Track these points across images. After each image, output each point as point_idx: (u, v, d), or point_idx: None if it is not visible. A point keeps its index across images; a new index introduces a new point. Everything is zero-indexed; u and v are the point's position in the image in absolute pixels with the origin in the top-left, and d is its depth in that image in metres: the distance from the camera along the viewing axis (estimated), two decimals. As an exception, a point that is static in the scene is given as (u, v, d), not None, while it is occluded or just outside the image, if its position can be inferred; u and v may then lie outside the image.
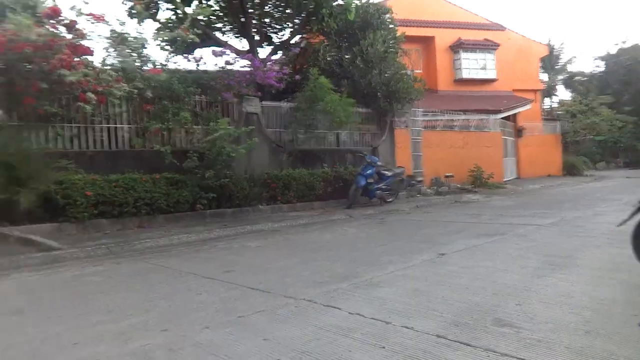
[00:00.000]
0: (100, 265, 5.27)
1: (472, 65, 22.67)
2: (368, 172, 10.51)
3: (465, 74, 22.49)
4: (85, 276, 4.77)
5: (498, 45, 22.90)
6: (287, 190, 9.92)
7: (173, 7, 11.11)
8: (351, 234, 7.17)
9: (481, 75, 22.80)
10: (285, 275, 4.43)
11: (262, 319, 3.18)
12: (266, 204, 9.58)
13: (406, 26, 16.12)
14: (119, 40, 8.59)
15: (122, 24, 8.74)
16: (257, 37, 13.16)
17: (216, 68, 9.97)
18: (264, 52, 13.27)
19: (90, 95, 7.50)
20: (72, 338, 2.93)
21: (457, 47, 22.46)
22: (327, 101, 10.45)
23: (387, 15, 13.05)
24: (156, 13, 11.41)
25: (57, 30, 7.75)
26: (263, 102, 10.61)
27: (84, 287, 4.32)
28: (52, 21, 7.73)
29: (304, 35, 13.40)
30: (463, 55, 22.52)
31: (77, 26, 7.88)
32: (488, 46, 22.89)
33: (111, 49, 8.61)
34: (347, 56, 12.37)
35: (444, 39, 22.32)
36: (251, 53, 11.23)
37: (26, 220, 6.76)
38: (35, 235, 6.09)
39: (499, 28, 23.71)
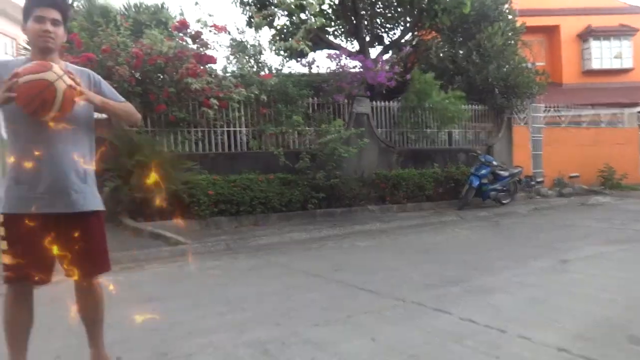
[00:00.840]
0: (220, 260, 5.64)
1: (605, 55, 20.59)
2: (482, 172, 10.04)
3: (596, 65, 20.48)
4: (206, 269, 5.14)
5: (636, 31, 20.54)
6: (396, 191, 9.83)
7: (288, 15, 11.58)
8: (463, 236, 6.91)
9: (615, 64, 20.62)
10: (394, 277, 4.40)
11: (370, 320, 3.19)
12: (375, 204, 9.58)
13: (527, 16, 15.12)
14: (238, 48, 9.16)
15: (242, 32, 9.32)
16: (368, 38, 13.22)
17: (328, 71, 10.18)
18: (374, 52, 13.29)
19: (213, 101, 8.10)
20: (196, 326, 3.18)
21: (587, 35, 20.54)
22: (435, 98, 10.19)
23: (506, 6, 12.36)
24: (273, 20, 11.95)
25: (185, 42, 8.47)
26: (373, 102, 10.62)
27: (205, 280, 4.67)
28: (180, 34, 8.47)
29: (415, 33, 13.18)
30: (593, 43, 20.54)
31: (202, 37, 8.55)
32: (624, 32, 20.61)
33: (231, 57, 9.22)
34: (461, 51, 11.93)
35: (570, 27, 20.54)
36: (362, 54, 11.31)
37: (157, 217, 7.46)
38: (164, 231, 6.69)
39: (638, 11, 21.26)
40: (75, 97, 2.11)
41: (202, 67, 8.19)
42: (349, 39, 13.98)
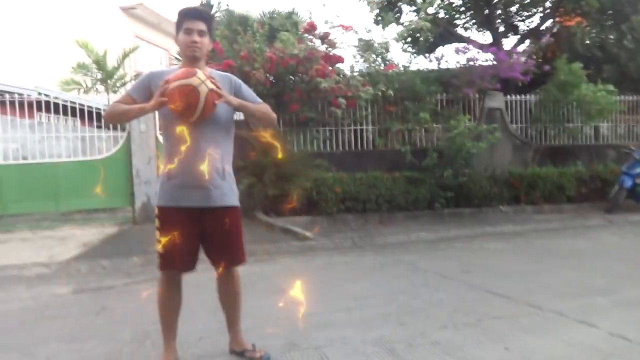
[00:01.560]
0: (346, 256, 5.75)
1: None
2: (637, 170, 8.90)
3: None
4: (333, 265, 5.27)
5: None
6: (532, 191, 9.12)
7: (416, 11, 11.39)
8: (611, 242, 6.23)
9: None
10: (529, 282, 4.11)
11: (502, 326, 3.02)
12: (507, 204, 9.01)
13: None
14: (365, 47, 9.25)
15: (368, 31, 9.38)
16: (501, 29, 12.49)
17: (458, 65, 9.82)
18: (508, 43, 12.53)
19: (341, 100, 8.27)
20: (324, 319, 3.28)
21: None
22: (581, 90, 9.27)
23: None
24: (399, 17, 11.85)
25: (313, 43, 8.77)
26: (507, 97, 10.01)
27: (333, 275, 4.79)
28: (309, 35, 8.78)
29: (556, 20, 12.14)
30: None
31: (329, 37, 8.78)
32: None
33: (358, 56, 9.34)
34: (611, 37, 10.72)
35: None
36: (495, 46, 10.72)
37: (288, 213, 7.83)
38: (294, 226, 6.99)
39: None
40: (216, 100, 2.31)
41: (330, 68, 8.42)
42: (480, 30, 13.34)
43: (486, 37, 12.81)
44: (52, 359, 2.75)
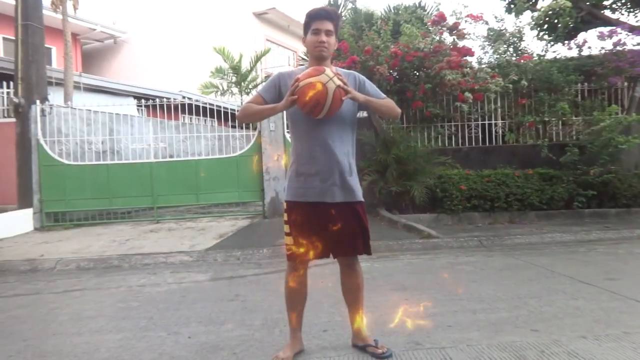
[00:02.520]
0: (472, 256, 5.52)
1: None
2: None
3: None
4: (458, 264, 5.09)
5: None
6: (697, 191, 7.95)
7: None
8: None
9: None
10: (691, 296, 3.59)
11: (655, 342, 2.68)
12: (663, 205, 7.95)
13: None
14: (495, 37, 8.76)
15: (500, 20, 8.87)
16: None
17: (603, 51, 8.85)
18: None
19: (467, 94, 7.94)
20: (448, 320, 3.19)
21: None
22: None
23: None
24: (536, 3, 11.02)
25: (443, 35, 8.52)
26: (663, 84, 8.82)
27: (457, 275, 4.62)
28: (438, 27, 8.54)
29: None
30: None
31: (459, 28, 8.46)
32: None
33: (487, 47, 8.88)
34: None
35: None
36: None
37: (411, 210, 7.73)
38: (417, 224, 6.88)
39: None
40: (343, 97, 2.36)
41: (462, 59, 8.13)
42: (631, 10, 11.86)
43: (639, 18, 11.36)
44: (194, 338, 3.04)
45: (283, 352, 2.61)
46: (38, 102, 8.21)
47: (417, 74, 8.39)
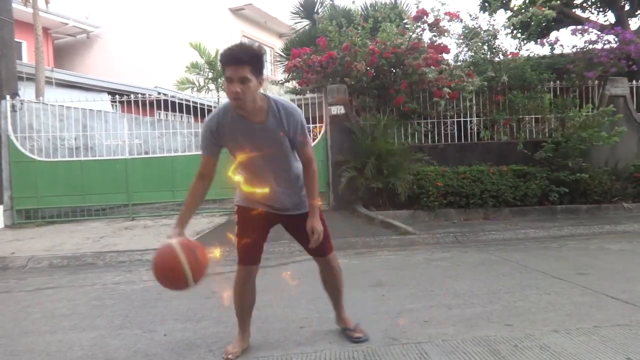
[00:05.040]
0: (448, 252, 5.59)
1: None
2: None
3: None
4: (434, 260, 5.15)
5: None
6: (662, 187, 8.20)
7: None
8: None
9: None
10: (658, 289, 3.70)
11: (623, 334, 2.76)
12: (632, 201, 8.17)
13: None
14: (470, 35, 8.87)
15: (474, 18, 8.98)
16: (627, 7, 11.31)
17: (575, 50, 9.05)
18: (635, 24, 11.31)
19: (445, 89, 8.02)
20: (424, 315, 3.23)
21: None
22: None
23: None
24: (509, 2, 11.20)
25: (422, 32, 8.60)
26: (633, 82, 9.06)
27: (433, 271, 4.68)
28: (419, 24, 8.59)
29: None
30: None
31: (440, 24, 8.53)
32: None
33: (463, 45, 8.98)
34: None
35: None
36: (619, 26, 9.75)
37: (388, 206, 7.78)
38: (394, 220, 6.93)
39: None
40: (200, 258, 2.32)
41: (439, 55, 8.22)
42: (600, 10, 12.16)
43: (608, 18, 11.66)
44: (169, 336, 3.01)
45: (232, 347, 2.66)
46: (8, 97, 8.00)
47: (394, 71, 8.45)
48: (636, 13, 11.61)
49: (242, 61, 2.19)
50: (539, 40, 9.49)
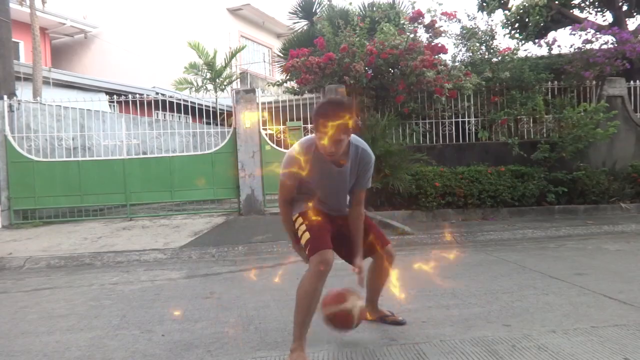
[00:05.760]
0: (446, 252, 5.59)
1: None
2: None
3: None
4: (432, 261, 5.15)
5: None
6: (660, 187, 8.22)
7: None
8: None
9: None
10: (655, 289, 3.71)
11: (621, 334, 2.76)
12: (630, 201, 8.20)
13: None
14: (468, 35, 8.88)
15: (472, 18, 8.99)
16: (625, 7, 11.33)
17: (572, 50, 9.07)
18: (633, 24, 11.33)
19: (445, 85, 8.04)
20: (422, 315, 3.23)
21: None
22: None
23: None
24: (507, 2, 11.22)
25: (418, 33, 8.61)
26: (631, 83, 9.08)
27: (431, 271, 4.67)
28: (415, 24, 8.61)
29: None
30: None
31: (436, 25, 8.56)
32: None
33: (461, 45, 9.00)
34: None
35: None
36: (617, 26, 9.78)
37: (386, 206, 7.78)
38: (392, 220, 6.93)
39: None
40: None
41: (435, 57, 8.22)
42: (598, 10, 12.18)
43: (606, 18, 11.67)
44: (167, 336, 3.00)
45: None
46: (5, 97, 7.98)
47: (392, 71, 8.45)
48: (634, 13, 11.63)
49: (338, 115, 2.29)
50: (536, 40, 9.51)
